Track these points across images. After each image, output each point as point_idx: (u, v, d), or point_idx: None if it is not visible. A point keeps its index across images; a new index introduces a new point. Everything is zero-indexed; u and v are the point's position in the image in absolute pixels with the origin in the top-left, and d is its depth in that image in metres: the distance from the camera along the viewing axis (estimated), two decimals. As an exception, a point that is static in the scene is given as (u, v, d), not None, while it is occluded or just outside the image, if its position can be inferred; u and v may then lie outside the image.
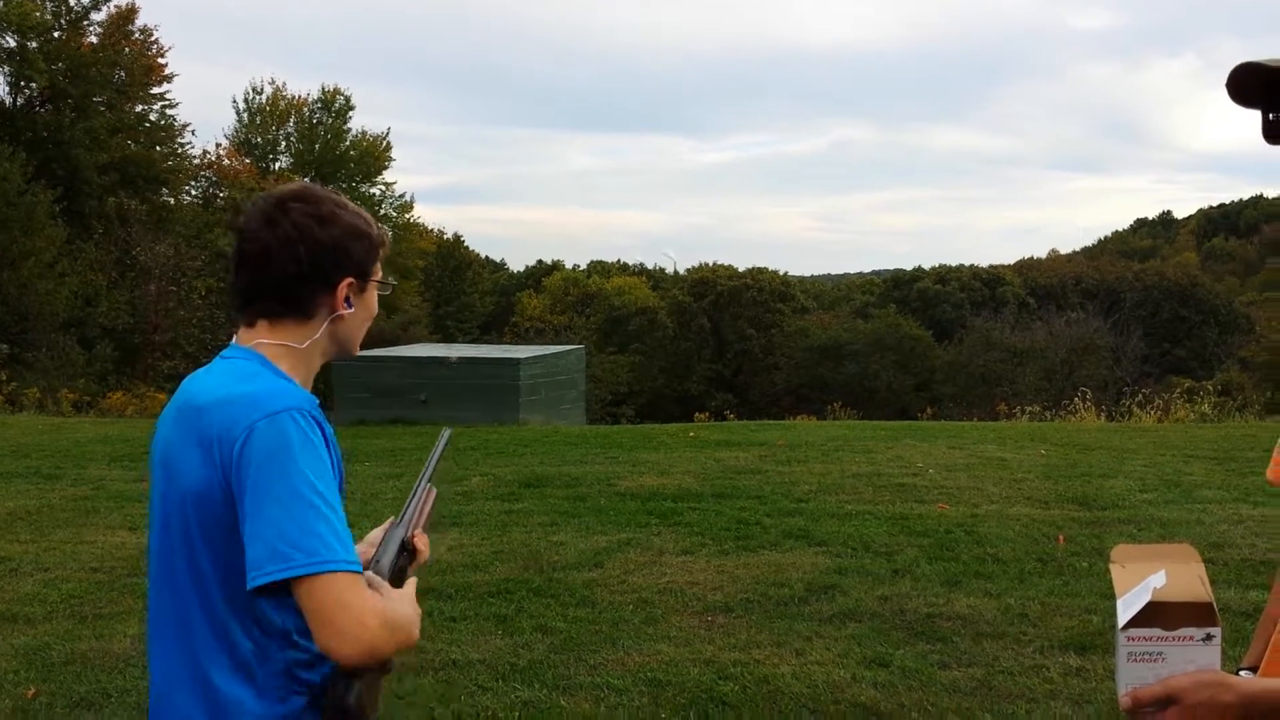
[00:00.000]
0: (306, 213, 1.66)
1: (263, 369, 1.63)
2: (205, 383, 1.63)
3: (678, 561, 5.94)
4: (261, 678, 1.55)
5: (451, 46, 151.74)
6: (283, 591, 1.46)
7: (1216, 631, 1.21)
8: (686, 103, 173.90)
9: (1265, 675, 1.33)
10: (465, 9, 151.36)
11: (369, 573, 1.58)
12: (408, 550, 1.77)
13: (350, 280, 1.70)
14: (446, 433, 2.10)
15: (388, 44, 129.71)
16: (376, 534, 1.82)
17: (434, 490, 1.93)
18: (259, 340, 1.66)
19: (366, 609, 1.45)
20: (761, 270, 46.16)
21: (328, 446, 1.57)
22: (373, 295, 1.77)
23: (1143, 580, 1.26)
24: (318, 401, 1.62)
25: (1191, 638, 1.21)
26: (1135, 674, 1.22)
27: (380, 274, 1.78)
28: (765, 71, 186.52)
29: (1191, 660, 1.20)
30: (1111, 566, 1.30)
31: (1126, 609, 1.23)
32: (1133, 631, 1.22)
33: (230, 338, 1.74)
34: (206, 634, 1.55)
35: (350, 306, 1.73)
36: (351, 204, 1.75)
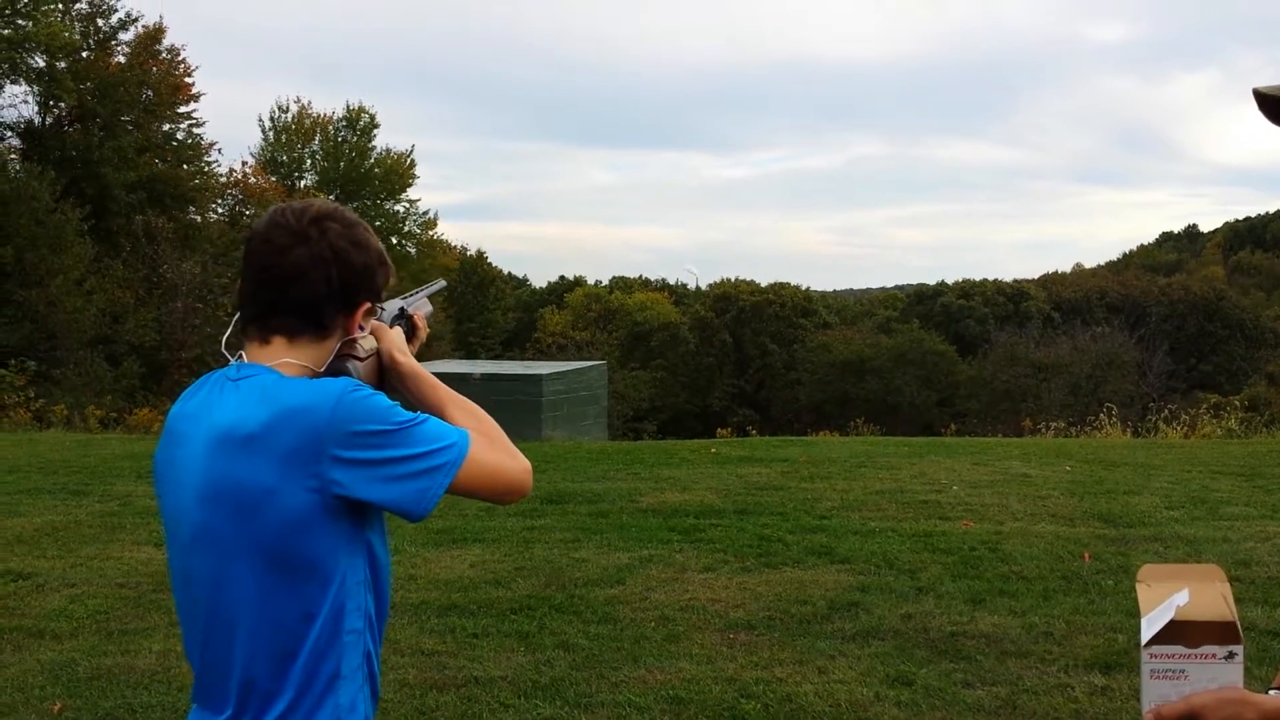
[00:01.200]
0: (342, 234, 1.67)
1: (286, 376, 1.62)
2: (239, 408, 1.58)
3: (700, 578, 5.93)
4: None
5: (473, 63, 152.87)
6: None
7: (1239, 650, 1.22)
8: (704, 118, 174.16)
9: None
10: (487, 26, 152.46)
11: (374, 320, 1.79)
12: (406, 318, 1.95)
13: (368, 305, 1.73)
14: (441, 282, 2.32)
15: (411, 61, 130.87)
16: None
17: (430, 306, 2.11)
18: (282, 360, 1.65)
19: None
20: (783, 285, 46.14)
21: None
22: None
23: (1167, 599, 1.26)
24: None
25: (1214, 655, 1.22)
26: (1158, 691, 1.23)
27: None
28: (782, 86, 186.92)
29: (1214, 678, 1.21)
30: (1138, 585, 1.32)
31: (1150, 626, 1.24)
32: (1155, 649, 1.23)
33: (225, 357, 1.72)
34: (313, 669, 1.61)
35: (364, 330, 1.75)
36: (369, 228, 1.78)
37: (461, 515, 7.53)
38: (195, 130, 31.51)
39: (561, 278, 58.46)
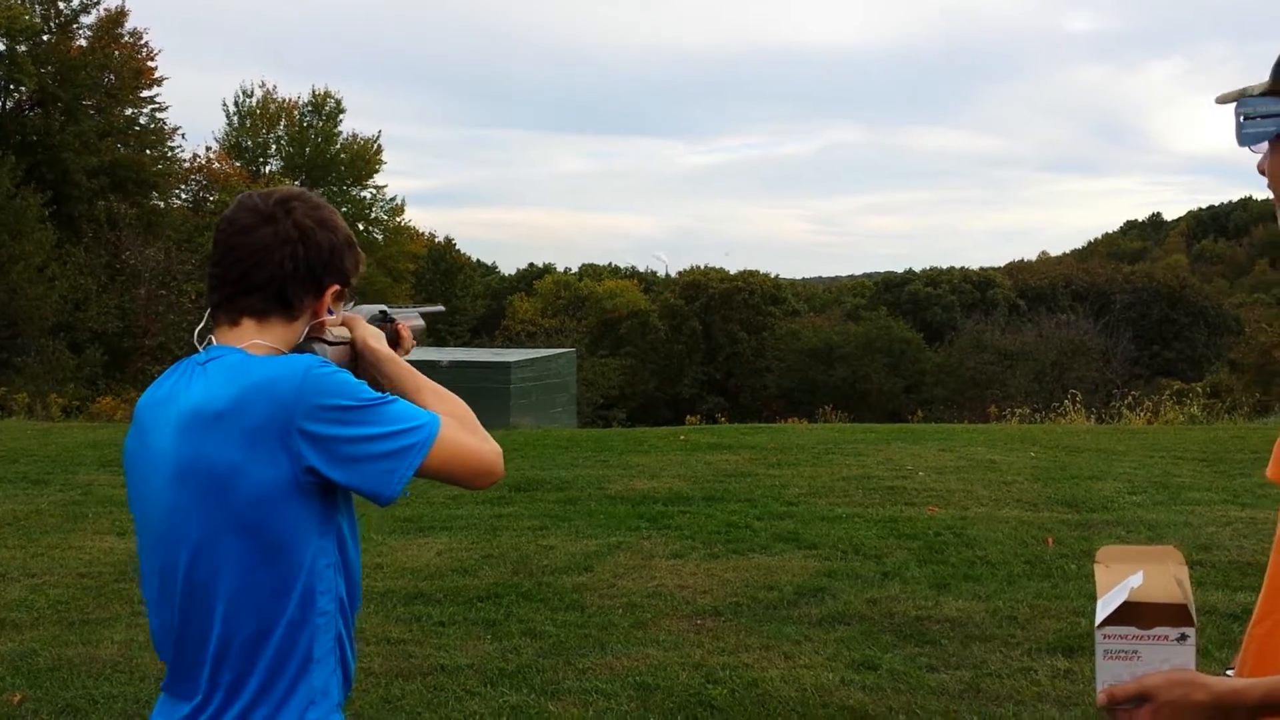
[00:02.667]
0: (308, 214, 1.68)
1: (253, 355, 1.62)
2: (208, 388, 1.58)
3: (667, 565, 5.94)
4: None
5: (441, 49, 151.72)
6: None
7: (1191, 632, 1.23)
8: (676, 105, 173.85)
9: (1240, 675, 1.34)
10: (455, 12, 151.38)
11: (347, 311, 1.80)
12: (389, 323, 1.94)
13: (336, 287, 1.72)
14: (440, 306, 2.37)
15: (378, 47, 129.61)
16: None
17: (422, 322, 2.10)
18: (251, 341, 1.64)
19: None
20: (753, 273, 46.18)
21: None
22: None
23: (1123, 580, 1.27)
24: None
25: (1166, 637, 1.23)
26: (1112, 671, 1.24)
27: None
28: (755, 74, 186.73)
29: (1166, 659, 1.22)
30: (1096, 567, 1.33)
31: (1105, 608, 1.25)
32: (1109, 629, 1.24)
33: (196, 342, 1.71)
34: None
35: (333, 313, 1.75)
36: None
37: (429, 503, 7.50)
38: (158, 115, 31.19)
39: (531, 265, 58.42)
